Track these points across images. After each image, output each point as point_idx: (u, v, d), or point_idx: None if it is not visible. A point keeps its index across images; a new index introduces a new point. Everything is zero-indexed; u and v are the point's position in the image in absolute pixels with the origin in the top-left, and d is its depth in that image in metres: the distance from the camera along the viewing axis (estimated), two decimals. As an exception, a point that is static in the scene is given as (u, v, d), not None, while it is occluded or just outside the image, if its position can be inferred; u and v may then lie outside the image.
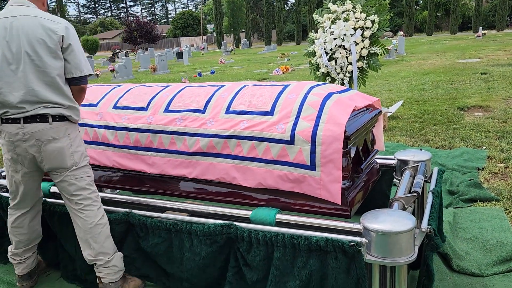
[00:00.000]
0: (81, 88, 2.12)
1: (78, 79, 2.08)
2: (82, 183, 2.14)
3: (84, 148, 2.20)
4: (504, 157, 4.13)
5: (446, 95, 7.71)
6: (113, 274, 2.17)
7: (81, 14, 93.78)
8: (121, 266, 2.21)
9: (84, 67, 2.08)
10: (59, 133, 2.05)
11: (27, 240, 2.32)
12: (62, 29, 2.01)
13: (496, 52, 15.42)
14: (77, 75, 2.06)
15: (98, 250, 2.14)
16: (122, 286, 2.21)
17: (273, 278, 1.87)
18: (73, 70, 2.05)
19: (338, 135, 1.85)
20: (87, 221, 2.13)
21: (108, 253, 2.16)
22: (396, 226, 1.63)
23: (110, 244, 2.17)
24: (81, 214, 2.14)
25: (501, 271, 2.36)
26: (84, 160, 2.17)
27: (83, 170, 2.16)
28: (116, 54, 33.07)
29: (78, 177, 2.13)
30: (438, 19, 42.49)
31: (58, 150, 2.05)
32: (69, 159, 2.09)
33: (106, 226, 2.19)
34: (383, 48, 5.20)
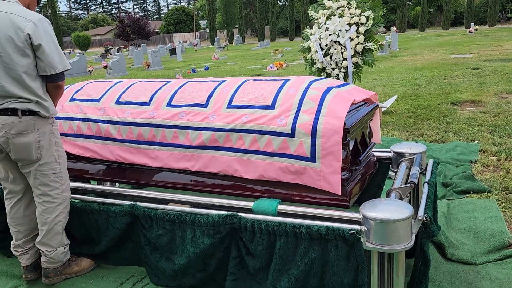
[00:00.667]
0: (57, 85, 2.18)
1: (52, 77, 2.13)
2: (45, 179, 2.23)
3: (55, 144, 2.25)
4: (496, 150, 4.22)
5: (439, 90, 7.81)
6: (51, 263, 2.35)
7: (72, 10, 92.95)
8: (59, 259, 2.35)
9: (59, 64, 2.11)
10: (27, 127, 2.12)
11: (25, 230, 2.39)
12: (30, 27, 2.03)
13: (488, 47, 15.58)
14: (51, 73, 2.11)
15: (44, 242, 2.30)
16: (62, 271, 2.39)
17: (276, 266, 1.94)
18: (47, 68, 2.09)
19: (338, 128, 1.91)
20: (42, 215, 2.27)
21: (52, 247, 2.32)
22: (394, 215, 1.70)
23: (56, 240, 2.32)
24: (39, 207, 2.28)
25: (494, 259, 2.44)
26: (52, 157, 2.23)
27: (49, 167, 2.23)
28: (108, 51, 32.87)
29: (43, 173, 2.22)
30: (430, 15, 42.70)
31: (24, 144, 2.13)
32: (34, 153, 2.17)
33: (60, 224, 2.30)
34: (377, 43, 5.28)
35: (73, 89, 2.76)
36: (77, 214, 2.44)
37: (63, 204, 2.31)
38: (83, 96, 2.64)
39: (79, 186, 2.59)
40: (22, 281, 2.45)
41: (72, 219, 2.44)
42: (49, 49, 2.07)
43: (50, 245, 2.31)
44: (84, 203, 2.43)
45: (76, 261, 2.46)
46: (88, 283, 2.38)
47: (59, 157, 2.28)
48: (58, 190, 2.27)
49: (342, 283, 1.82)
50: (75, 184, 2.62)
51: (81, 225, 2.46)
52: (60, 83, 2.19)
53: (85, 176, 2.71)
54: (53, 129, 2.25)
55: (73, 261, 2.45)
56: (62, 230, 2.34)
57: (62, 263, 2.38)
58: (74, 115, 2.58)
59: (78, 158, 2.68)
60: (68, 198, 2.35)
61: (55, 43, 2.13)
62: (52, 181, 2.25)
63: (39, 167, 2.20)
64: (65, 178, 2.33)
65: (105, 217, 2.35)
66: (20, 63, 2.04)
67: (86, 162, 2.68)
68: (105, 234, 2.39)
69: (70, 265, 2.42)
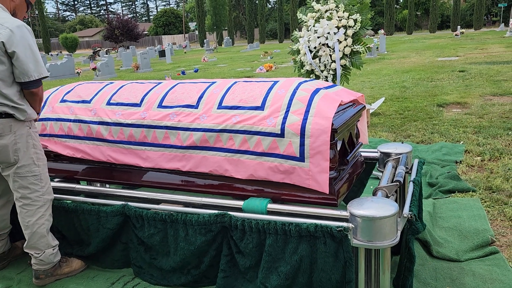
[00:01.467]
0: (31, 92, 2.19)
1: (26, 84, 2.15)
2: (24, 182, 2.25)
3: (33, 147, 2.26)
4: (480, 151, 4.32)
5: (426, 92, 7.94)
6: (41, 265, 2.36)
7: (59, 12, 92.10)
8: (48, 261, 2.37)
9: (34, 72, 2.12)
10: (4, 130, 2.14)
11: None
12: (5, 35, 2.05)
13: (473, 50, 15.86)
14: (25, 80, 2.12)
15: (31, 245, 2.33)
16: (53, 273, 2.41)
17: (265, 263, 1.98)
18: (21, 76, 2.11)
19: (326, 128, 1.96)
20: (24, 218, 2.29)
21: (39, 250, 2.34)
22: (380, 212, 1.76)
23: (42, 243, 2.33)
24: (19, 210, 2.29)
25: (477, 256, 2.51)
26: (30, 159, 2.24)
27: (27, 169, 2.24)
28: (96, 52, 32.68)
29: (21, 176, 2.24)
30: (417, 18, 43.25)
31: (2, 146, 2.15)
32: (12, 155, 2.19)
33: (43, 226, 2.31)
34: (365, 46, 5.36)
35: (63, 90, 2.77)
36: (68, 215, 2.45)
37: (44, 207, 2.31)
38: (74, 97, 2.65)
39: (70, 187, 2.60)
40: (13, 281, 2.45)
41: (63, 219, 2.45)
42: (24, 57, 2.08)
43: (37, 248, 2.33)
44: (75, 204, 2.45)
45: (67, 262, 2.47)
46: (79, 283, 2.40)
47: (38, 159, 2.28)
48: (38, 192, 2.28)
49: (330, 279, 1.87)
50: (66, 185, 2.64)
51: (72, 225, 2.47)
52: (34, 90, 2.18)
53: (76, 177, 2.72)
54: (31, 131, 2.26)
55: (63, 262, 2.46)
56: (47, 232, 2.34)
57: (53, 265, 2.39)
58: (65, 116, 2.59)
59: (69, 159, 2.69)
60: (49, 201, 2.35)
61: (33, 50, 2.13)
62: (31, 184, 2.25)
63: (17, 170, 2.22)
64: (45, 181, 2.33)
65: (96, 217, 2.37)
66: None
67: (77, 163, 2.69)
68: (96, 235, 2.41)
69: (60, 266, 2.44)
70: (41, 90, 2.25)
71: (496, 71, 9.81)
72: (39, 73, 2.15)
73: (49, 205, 2.36)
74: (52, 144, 2.63)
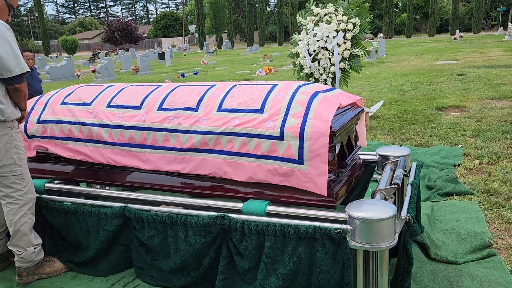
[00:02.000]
0: (15, 88, 2.23)
1: (10, 80, 2.19)
2: (6, 181, 2.30)
3: (15, 147, 2.30)
4: (478, 154, 4.34)
5: (425, 95, 7.98)
6: (22, 262, 2.42)
7: (59, 14, 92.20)
8: (30, 259, 2.41)
9: (15, 67, 2.17)
10: None
11: None
12: None
13: (472, 54, 15.92)
14: (7, 76, 2.17)
15: (14, 243, 2.38)
16: (35, 271, 2.44)
17: (264, 265, 1.99)
18: (3, 72, 2.16)
19: (325, 131, 1.98)
20: (7, 217, 2.34)
21: (21, 247, 2.38)
22: (378, 214, 1.77)
23: (24, 241, 2.37)
24: (4, 209, 2.35)
25: (475, 259, 2.53)
26: (11, 159, 2.28)
27: (8, 169, 2.29)
28: (96, 55, 32.69)
29: (3, 175, 2.29)
30: (416, 22, 43.39)
31: None
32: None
33: (26, 224, 2.36)
34: (364, 49, 5.39)
35: (64, 92, 2.79)
36: (68, 217, 2.47)
37: (27, 205, 2.36)
38: (75, 100, 2.67)
39: (70, 189, 2.61)
40: (12, 283, 2.46)
41: (63, 221, 2.46)
42: (3, 53, 2.12)
43: (19, 246, 2.37)
44: (75, 206, 2.46)
45: (50, 261, 2.51)
46: (79, 284, 2.41)
47: (19, 159, 2.32)
48: (20, 192, 2.33)
49: (329, 281, 1.88)
50: (65, 187, 2.65)
51: (72, 227, 2.48)
52: (18, 86, 2.23)
53: (76, 179, 2.73)
54: (13, 132, 2.30)
55: (46, 261, 2.49)
56: (29, 230, 2.38)
57: (34, 263, 2.43)
58: (65, 119, 2.61)
59: (69, 161, 2.71)
60: (32, 200, 2.40)
61: (12, 47, 2.17)
62: (13, 183, 2.30)
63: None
64: (27, 180, 2.38)
65: (96, 219, 2.39)
66: None
67: (76, 165, 2.70)
68: (96, 237, 2.42)
69: (42, 265, 2.47)
70: (25, 86, 2.28)
71: (495, 75, 9.85)
72: (20, 69, 2.19)
73: (32, 203, 2.40)
74: (52, 146, 2.64)
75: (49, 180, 2.70)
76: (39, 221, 2.52)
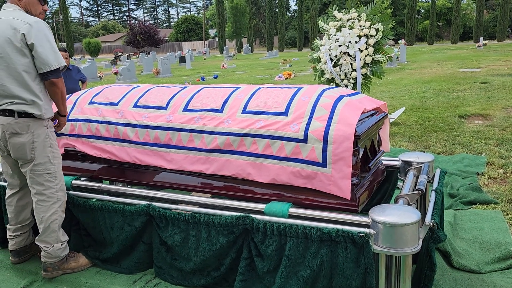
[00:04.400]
0: (51, 82, 2.29)
1: (46, 74, 2.26)
2: (40, 179, 2.37)
3: (50, 146, 2.38)
4: (503, 163, 4.26)
5: (447, 103, 7.86)
6: (48, 258, 2.47)
7: (83, 17, 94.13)
8: (56, 255, 2.47)
9: (53, 61, 2.25)
10: (22, 128, 2.28)
11: (15, 217, 2.58)
12: (25, 28, 2.19)
13: (496, 62, 15.61)
14: (46, 70, 2.25)
15: (42, 239, 2.44)
16: (60, 266, 2.50)
17: (285, 268, 2.00)
18: (42, 66, 2.24)
19: (349, 135, 1.98)
20: (38, 214, 2.41)
21: (49, 243, 2.44)
22: (402, 219, 1.77)
23: (53, 237, 2.44)
24: (34, 205, 2.42)
25: (499, 269, 2.49)
26: (46, 157, 2.36)
27: (43, 167, 2.37)
28: (118, 57, 33.24)
29: (37, 173, 2.36)
30: (439, 29, 42.82)
31: (19, 144, 2.29)
32: (29, 153, 2.32)
33: (55, 222, 2.43)
34: (386, 55, 5.36)
35: (92, 92, 2.86)
36: (94, 213, 2.53)
37: (57, 203, 2.43)
38: (102, 100, 2.74)
39: (96, 186, 2.67)
40: (38, 276, 2.53)
41: (89, 217, 2.52)
42: (42, 48, 2.21)
43: (47, 242, 2.44)
44: (101, 202, 2.51)
45: (74, 257, 2.57)
46: (102, 280, 2.46)
47: (54, 158, 2.41)
48: (52, 189, 2.40)
49: (351, 285, 1.88)
50: (91, 184, 2.72)
51: (97, 223, 2.54)
52: (54, 80, 2.29)
53: (101, 177, 2.79)
54: (48, 131, 2.38)
55: (71, 257, 2.56)
56: (58, 227, 2.45)
57: (60, 259, 2.49)
58: (93, 118, 2.67)
59: (95, 159, 2.77)
60: (62, 198, 2.47)
61: (50, 42, 2.26)
62: (46, 181, 2.38)
63: (34, 167, 2.35)
64: (60, 179, 2.45)
65: (121, 216, 2.44)
66: (19, 62, 2.21)
67: (102, 163, 2.77)
68: (120, 233, 2.47)
69: (67, 260, 2.53)
70: (61, 83, 2.34)
71: (520, 84, 9.65)
72: (58, 63, 2.28)
73: (63, 201, 2.47)
74: (80, 144, 2.71)
75: (76, 177, 2.78)
76: (65, 216, 2.58)
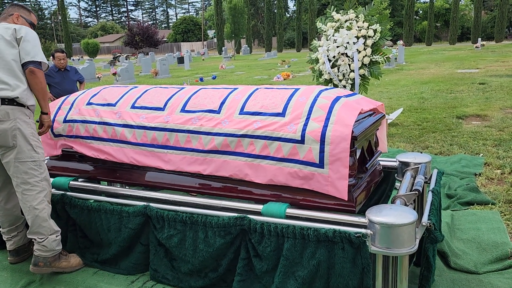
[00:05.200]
0: (30, 70, 2.36)
1: (27, 63, 2.35)
2: (24, 167, 2.38)
3: (32, 135, 2.40)
4: (500, 164, 4.27)
5: (445, 103, 7.88)
6: (43, 251, 2.43)
7: (82, 18, 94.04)
8: (51, 247, 2.45)
9: (36, 54, 2.37)
10: (5, 115, 2.31)
11: (8, 221, 2.58)
12: (17, 27, 2.38)
13: (494, 63, 15.65)
14: (27, 60, 2.34)
15: (34, 230, 2.41)
16: (51, 263, 2.47)
17: (283, 268, 2.01)
18: (24, 56, 2.34)
19: (346, 136, 1.99)
20: (25, 204, 2.39)
21: (43, 234, 2.42)
22: (399, 219, 1.77)
23: (45, 228, 2.42)
24: (20, 196, 2.40)
25: (496, 269, 2.49)
26: (29, 145, 2.38)
27: (27, 154, 2.38)
28: (116, 58, 33.22)
29: (21, 160, 2.37)
30: (437, 30, 42.90)
31: (1, 131, 2.30)
32: (11, 140, 2.33)
33: (44, 210, 2.41)
34: (384, 56, 5.37)
35: (89, 93, 2.86)
36: (91, 214, 2.52)
37: (43, 193, 2.42)
38: (100, 101, 2.74)
39: (93, 187, 2.67)
40: (35, 277, 2.53)
41: (86, 218, 2.52)
42: (28, 43, 2.35)
43: (40, 233, 2.42)
44: (98, 203, 2.51)
45: (66, 256, 2.56)
46: (100, 280, 2.46)
47: (37, 147, 2.43)
48: (37, 178, 2.40)
49: (348, 285, 1.88)
50: (88, 185, 2.71)
51: (94, 225, 2.54)
52: (34, 68, 2.36)
53: (99, 178, 2.79)
54: (30, 121, 2.42)
55: (63, 255, 2.55)
56: (48, 217, 2.43)
57: (53, 253, 2.47)
58: (90, 119, 2.67)
59: (92, 160, 2.77)
60: (47, 188, 2.47)
61: (37, 44, 2.40)
62: (30, 169, 2.38)
63: (18, 155, 2.36)
64: (44, 168, 2.47)
65: (118, 217, 2.43)
66: (8, 52, 2.32)
67: (99, 164, 2.77)
68: (118, 235, 2.46)
69: (60, 258, 2.52)
70: (41, 75, 2.41)
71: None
72: (40, 57, 2.38)
73: (47, 191, 2.46)
74: (77, 145, 2.71)
75: (74, 178, 2.77)
76: (62, 217, 2.58)
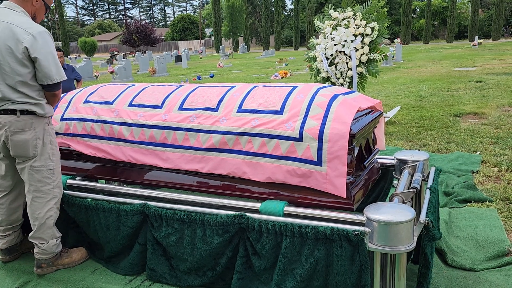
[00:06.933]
0: (53, 94, 2.38)
1: (49, 87, 2.32)
2: (39, 175, 2.39)
3: (50, 143, 2.41)
4: (497, 161, 4.29)
5: (442, 101, 7.89)
6: (43, 254, 2.48)
7: (79, 16, 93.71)
8: (51, 251, 2.48)
9: (55, 75, 2.30)
10: (25, 125, 2.30)
11: (7, 220, 2.58)
12: (28, 40, 2.20)
13: (491, 61, 15.68)
14: (48, 83, 2.30)
15: (37, 235, 2.44)
16: (54, 262, 2.51)
17: (281, 266, 2.01)
18: (44, 79, 2.29)
19: (344, 133, 1.99)
20: (33, 211, 2.41)
21: (44, 240, 2.45)
22: (397, 217, 1.77)
23: (48, 234, 2.45)
24: (30, 201, 2.41)
25: (493, 266, 2.50)
26: (46, 154, 2.39)
27: (43, 163, 2.39)
28: (114, 56, 33.12)
29: (36, 169, 2.38)
30: (434, 28, 42.95)
31: (22, 141, 2.31)
32: (31, 150, 2.33)
33: (51, 218, 2.44)
34: (382, 54, 5.37)
35: (87, 91, 2.85)
36: (89, 213, 2.51)
37: (53, 200, 2.44)
38: (97, 99, 2.73)
39: (91, 185, 2.67)
40: (32, 276, 2.52)
41: (84, 217, 2.52)
42: (46, 62, 2.24)
43: (42, 238, 2.45)
44: (96, 202, 2.51)
45: (67, 253, 2.57)
46: (98, 279, 2.45)
47: (53, 155, 2.43)
48: (49, 186, 2.42)
49: (346, 282, 1.89)
50: (86, 183, 2.71)
51: (92, 223, 2.53)
52: (57, 92, 2.38)
53: (96, 176, 2.78)
54: (49, 128, 2.42)
55: (64, 253, 2.56)
56: (53, 224, 2.46)
57: (54, 254, 2.50)
58: (88, 117, 2.67)
59: (90, 158, 2.76)
60: (58, 194, 2.48)
61: (53, 55, 2.30)
62: (45, 177, 2.39)
63: (34, 163, 2.36)
64: (57, 175, 2.47)
65: (116, 215, 2.43)
66: (18, 71, 2.23)
67: (97, 163, 2.76)
68: (117, 233, 2.46)
69: (61, 256, 2.54)
70: (60, 92, 2.43)
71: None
72: (60, 77, 2.33)
73: (58, 198, 2.48)
74: (75, 143, 2.70)
75: (71, 176, 2.77)
76: (61, 216, 2.57)
